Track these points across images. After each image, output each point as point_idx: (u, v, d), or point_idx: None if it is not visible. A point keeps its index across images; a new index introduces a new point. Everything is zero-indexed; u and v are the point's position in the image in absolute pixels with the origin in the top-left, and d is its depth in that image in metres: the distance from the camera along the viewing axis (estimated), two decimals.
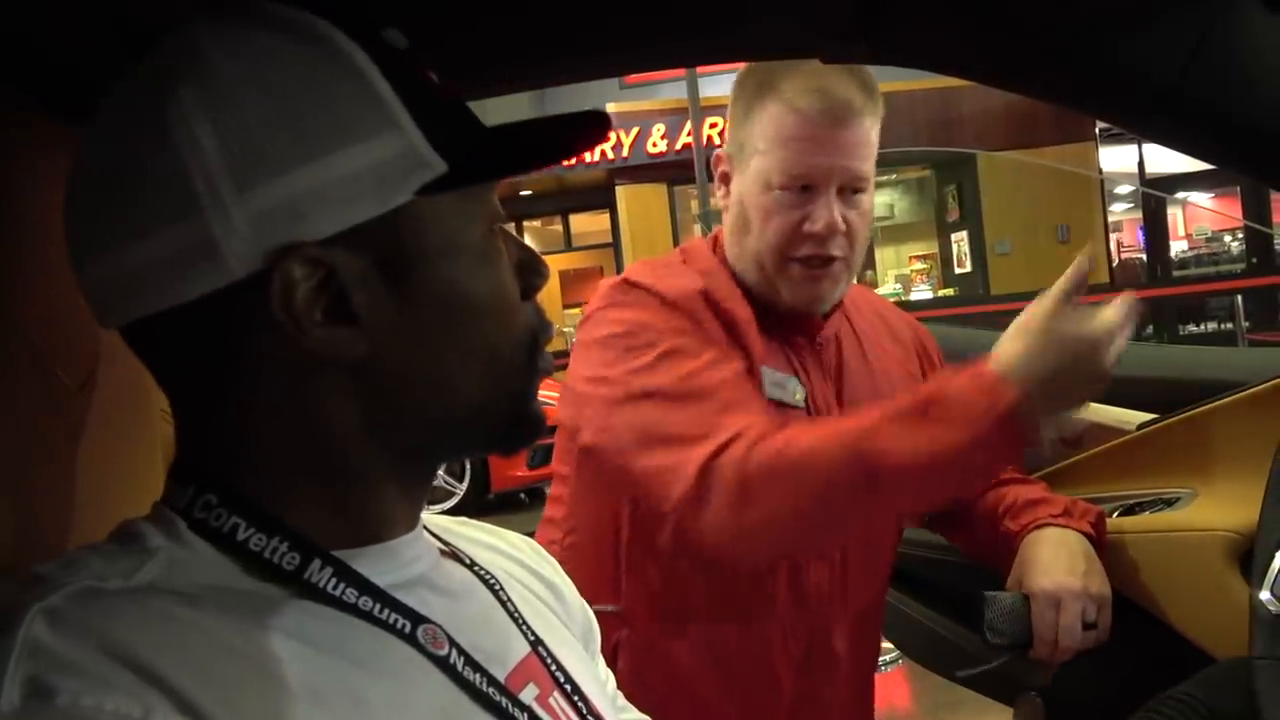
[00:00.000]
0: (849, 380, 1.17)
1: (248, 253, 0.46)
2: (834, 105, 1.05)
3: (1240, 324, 7.24)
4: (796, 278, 1.09)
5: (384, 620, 0.49)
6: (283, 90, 0.46)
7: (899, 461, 0.89)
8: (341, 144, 0.47)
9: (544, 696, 0.55)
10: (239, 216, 0.45)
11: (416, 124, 0.49)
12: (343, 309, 0.48)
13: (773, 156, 1.07)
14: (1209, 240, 11.80)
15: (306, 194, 0.46)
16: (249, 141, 0.46)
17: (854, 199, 1.09)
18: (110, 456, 0.69)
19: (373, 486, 0.51)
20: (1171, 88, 0.74)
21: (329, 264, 0.47)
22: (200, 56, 0.47)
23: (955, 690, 1.55)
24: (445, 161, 0.49)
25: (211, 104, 0.46)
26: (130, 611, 0.43)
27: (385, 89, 0.48)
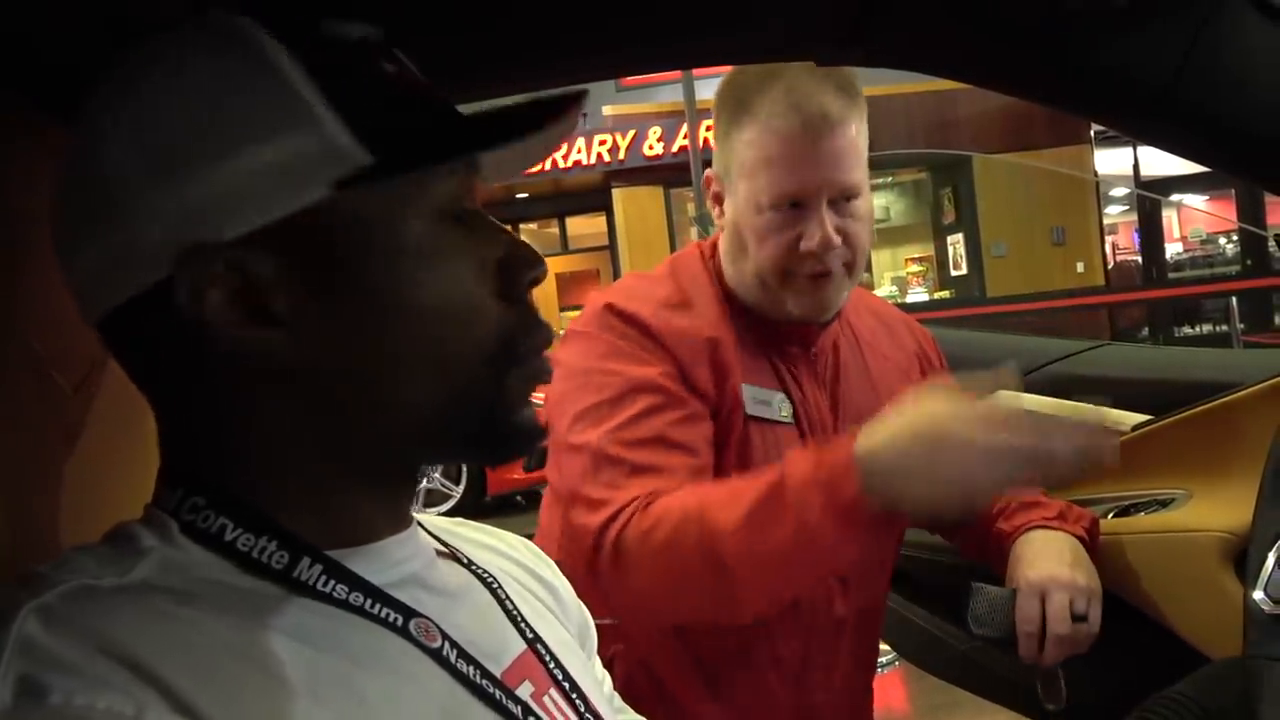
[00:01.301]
0: (845, 389, 1.16)
1: (162, 253, 0.46)
2: (810, 119, 1.03)
3: (1235, 326, 7.25)
4: (801, 291, 1.09)
5: (376, 615, 0.49)
6: (192, 90, 0.46)
7: (741, 554, 0.86)
8: (248, 141, 0.46)
9: (539, 694, 0.55)
10: (150, 216, 0.46)
11: (347, 117, 0.46)
12: (265, 312, 0.47)
13: (758, 179, 1.07)
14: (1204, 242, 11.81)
15: (215, 193, 0.45)
16: (160, 143, 0.46)
17: (849, 206, 1.08)
18: (107, 459, 0.69)
19: (339, 491, 0.50)
20: (1164, 90, 0.75)
21: (244, 266, 0.46)
22: (128, 62, 0.48)
23: (952, 692, 1.55)
24: (375, 155, 0.46)
25: (127, 107, 0.47)
26: (125, 609, 0.43)
27: (300, 83, 0.46)
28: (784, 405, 1.12)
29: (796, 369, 1.14)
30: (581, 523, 0.98)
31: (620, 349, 1.06)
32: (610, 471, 0.99)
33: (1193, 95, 0.75)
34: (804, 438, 1.12)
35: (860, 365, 1.20)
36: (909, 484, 0.80)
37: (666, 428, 1.02)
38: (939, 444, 0.79)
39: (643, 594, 0.95)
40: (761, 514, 0.86)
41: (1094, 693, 1.21)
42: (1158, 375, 1.37)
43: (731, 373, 1.08)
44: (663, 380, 1.04)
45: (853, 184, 1.07)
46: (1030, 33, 0.77)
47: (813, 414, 1.13)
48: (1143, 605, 1.16)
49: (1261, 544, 0.95)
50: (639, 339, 1.07)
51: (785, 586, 0.94)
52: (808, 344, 1.15)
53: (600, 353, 1.06)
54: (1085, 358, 1.45)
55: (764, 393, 1.11)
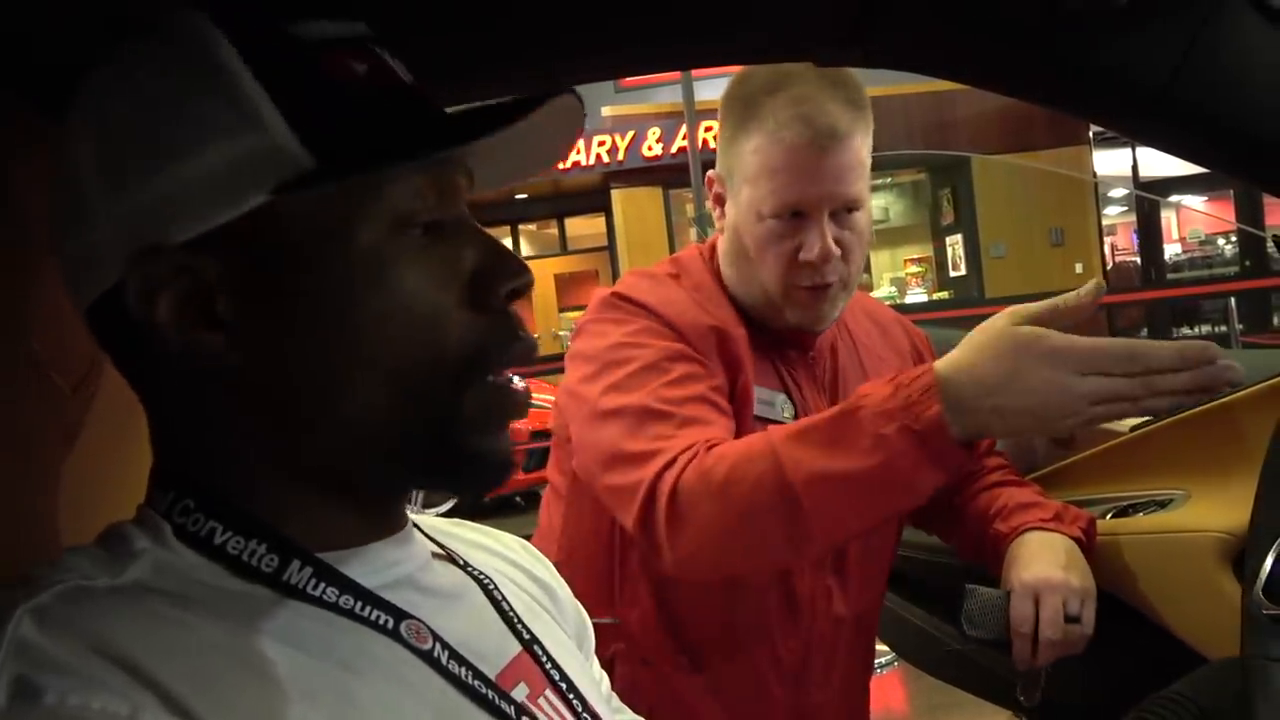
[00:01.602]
0: (844, 391, 1.17)
1: (115, 256, 0.46)
2: (819, 133, 1.03)
3: (1234, 326, 7.24)
4: (799, 302, 1.09)
5: (367, 617, 0.49)
6: (144, 94, 0.47)
7: (812, 483, 0.83)
8: (194, 146, 0.46)
9: (535, 695, 0.55)
10: (108, 220, 0.47)
11: (298, 120, 0.45)
12: (212, 315, 0.47)
13: (761, 187, 1.06)
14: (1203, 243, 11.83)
15: (164, 197, 0.46)
16: (116, 148, 0.47)
17: (849, 219, 1.08)
18: (106, 459, 0.69)
19: (313, 499, 0.50)
20: (1163, 91, 0.75)
21: (193, 268, 0.46)
22: (103, 64, 0.49)
23: (951, 693, 1.55)
24: (324, 159, 0.45)
25: (92, 112, 0.48)
26: (119, 610, 0.43)
27: (248, 85, 0.46)
28: (786, 407, 1.12)
29: (795, 371, 1.15)
30: (627, 481, 0.94)
31: (642, 328, 1.06)
32: (659, 425, 0.96)
33: (1191, 96, 0.75)
34: None
35: (857, 367, 1.20)
36: (991, 407, 0.79)
37: (708, 391, 1.01)
38: (1019, 369, 0.78)
39: (703, 537, 0.89)
40: (835, 437, 0.83)
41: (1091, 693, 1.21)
42: None
43: (743, 369, 1.08)
44: (692, 354, 1.04)
45: (855, 197, 1.07)
46: (1029, 33, 0.77)
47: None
48: (1140, 606, 1.16)
49: (1259, 545, 0.95)
50: (654, 322, 1.07)
51: (857, 519, 0.88)
52: (805, 347, 1.15)
53: (623, 333, 1.05)
54: None
55: (768, 393, 1.11)
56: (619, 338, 1.05)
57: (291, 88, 0.46)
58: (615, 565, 1.12)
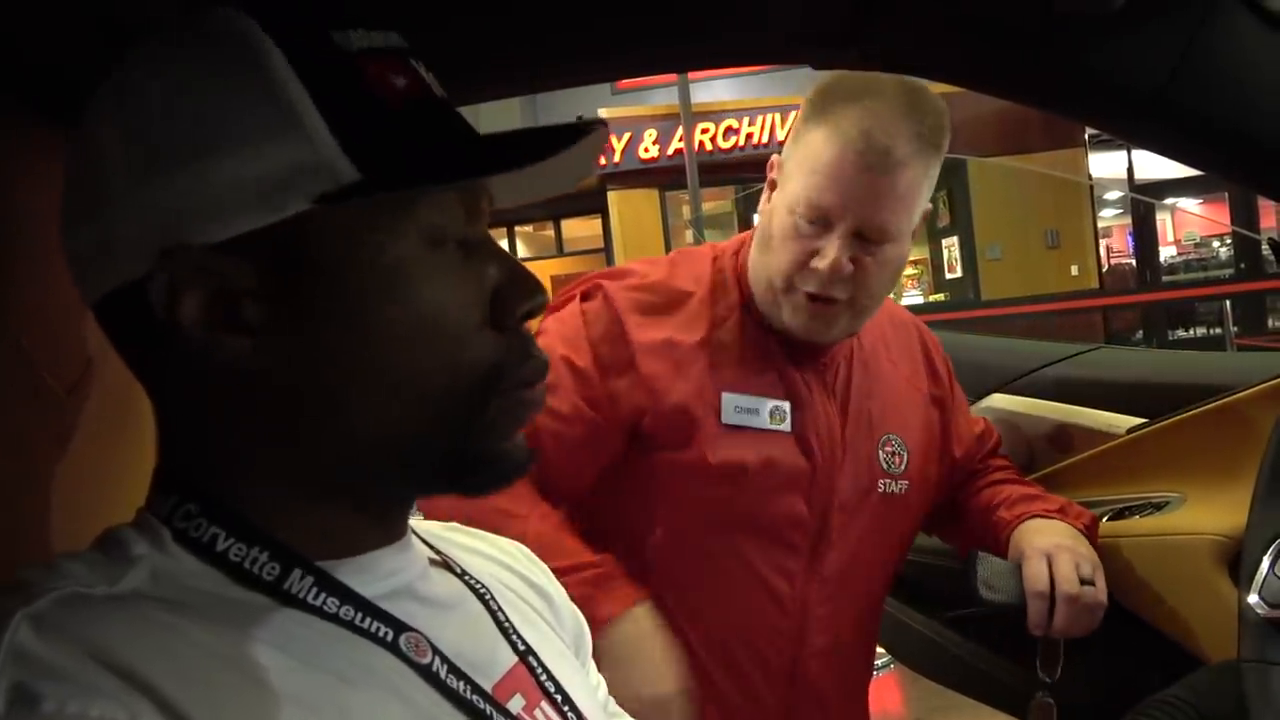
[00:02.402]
0: (854, 400, 1.16)
1: (137, 251, 0.45)
2: (870, 150, 1.01)
3: (1229, 329, 7.27)
4: (799, 306, 1.08)
5: (366, 629, 0.49)
6: (184, 90, 0.46)
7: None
8: (232, 146, 0.45)
9: (531, 707, 0.55)
10: (131, 215, 0.45)
11: (341, 130, 0.45)
12: (237, 319, 0.46)
13: (802, 182, 1.06)
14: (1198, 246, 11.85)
15: (196, 196, 0.45)
16: (146, 140, 0.46)
17: (876, 248, 1.06)
18: (100, 461, 0.69)
19: (314, 506, 0.49)
20: (1158, 93, 0.75)
21: (221, 270, 0.46)
22: (133, 55, 0.48)
23: (948, 695, 1.55)
24: (367, 171, 0.45)
25: (121, 103, 0.47)
26: (116, 617, 0.42)
27: (297, 93, 0.45)
28: (777, 414, 1.11)
29: (806, 377, 1.14)
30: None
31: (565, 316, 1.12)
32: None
33: (1187, 99, 0.75)
34: (807, 446, 1.12)
35: (870, 373, 1.19)
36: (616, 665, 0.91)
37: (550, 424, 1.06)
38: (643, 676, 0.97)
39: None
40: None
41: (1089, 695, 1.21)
42: (1152, 378, 1.37)
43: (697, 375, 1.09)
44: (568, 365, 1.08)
45: (885, 226, 1.04)
46: (1024, 36, 0.77)
47: (820, 424, 1.13)
48: (1137, 608, 1.16)
49: (1256, 547, 0.95)
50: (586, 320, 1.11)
51: None
52: (817, 355, 1.15)
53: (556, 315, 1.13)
54: (1080, 361, 1.45)
55: (751, 400, 1.10)
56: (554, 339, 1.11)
57: (334, 96, 0.46)
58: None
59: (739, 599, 1.12)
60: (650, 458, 1.10)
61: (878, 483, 1.16)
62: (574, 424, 1.08)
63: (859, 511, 1.14)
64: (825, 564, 1.13)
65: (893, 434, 1.18)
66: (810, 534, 1.12)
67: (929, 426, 1.23)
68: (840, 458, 1.13)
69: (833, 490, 1.13)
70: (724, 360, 1.11)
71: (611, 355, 1.09)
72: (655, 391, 1.08)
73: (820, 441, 1.12)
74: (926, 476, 1.21)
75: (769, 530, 1.11)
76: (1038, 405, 1.41)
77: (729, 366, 1.11)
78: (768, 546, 1.11)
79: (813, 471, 1.12)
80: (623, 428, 1.09)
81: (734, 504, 1.09)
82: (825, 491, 1.12)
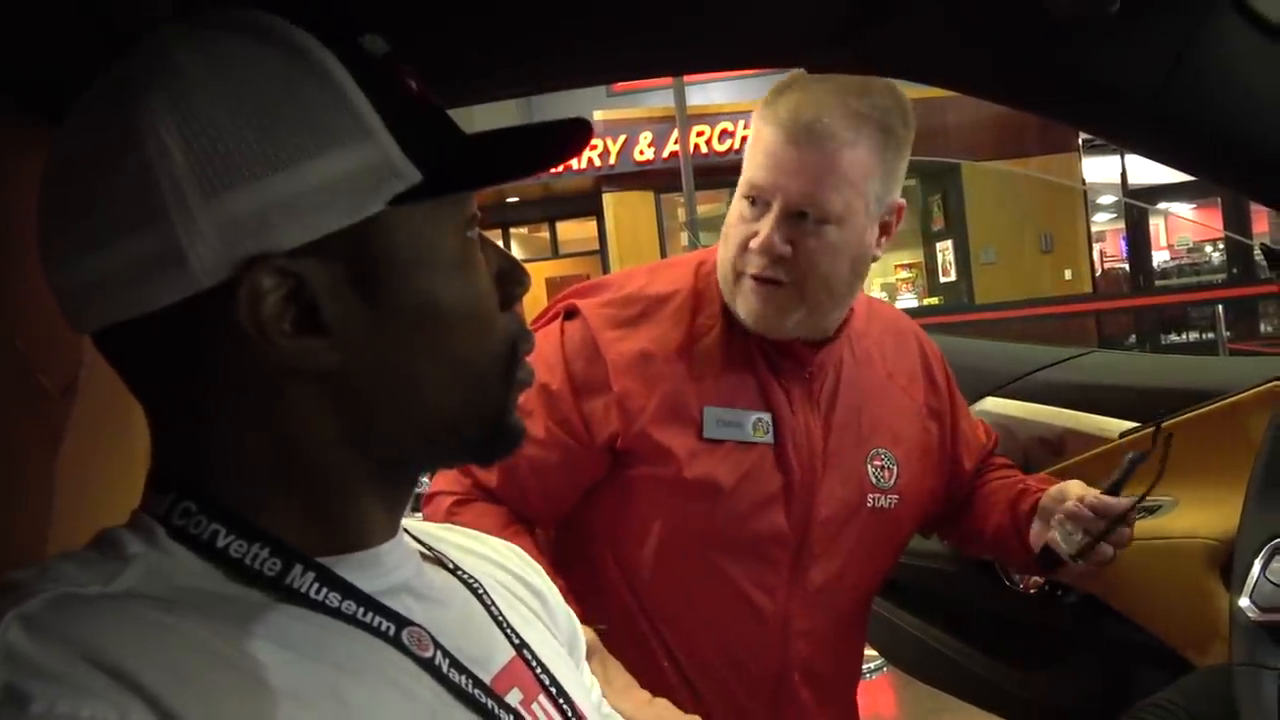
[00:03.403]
0: (840, 412, 1.14)
1: (215, 262, 0.45)
2: (797, 125, 1.02)
3: (1221, 333, 7.29)
4: (747, 293, 1.08)
5: (368, 624, 0.49)
6: (253, 98, 0.46)
7: None
8: (312, 153, 0.46)
9: (528, 700, 0.55)
10: (206, 225, 0.45)
11: (392, 133, 0.47)
12: (312, 320, 0.47)
13: (746, 167, 1.07)
14: (1190, 250, 11.90)
15: (275, 203, 0.45)
16: (217, 149, 0.45)
17: (815, 227, 1.04)
18: (93, 462, 0.69)
19: (350, 496, 0.51)
20: (1152, 99, 0.75)
21: (298, 275, 0.46)
22: (170, 62, 0.46)
23: (941, 698, 1.55)
24: (420, 171, 0.48)
25: (180, 110, 0.45)
26: (108, 617, 0.42)
27: (359, 97, 0.47)
28: (760, 426, 1.10)
29: (789, 387, 1.12)
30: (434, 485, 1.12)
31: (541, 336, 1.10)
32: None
33: (1180, 104, 0.75)
34: (785, 460, 1.10)
35: (861, 385, 1.17)
36: None
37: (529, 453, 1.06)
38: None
39: None
40: None
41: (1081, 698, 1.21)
42: (1145, 383, 1.37)
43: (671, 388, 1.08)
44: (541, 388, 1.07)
45: (820, 203, 1.03)
46: (1019, 40, 0.77)
47: (800, 436, 1.11)
48: (1129, 611, 1.17)
49: (1247, 551, 0.96)
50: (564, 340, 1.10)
51: None
52: (802, 362, 1.12)
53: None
54: (1073, 365, 1.46)
55: (733, 413, 1.09)
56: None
57: (382, 101, 0.48)
58: (590, 577, 1.12)
59: (720, 613, 1.11)
60: (628, 474, 1.09)
61: (866, 497, 1.14)
62: (549, 449, 1.08)
63: (846, 525, 1.13)
64: (808, 578, 1.12)
65: (882, 448, 1.16)
66: (791, 548, 1.11)
67: (925, 440, 1.21)
68: (821, 471, 1.11)
69: (813, 504, 1.11)
70: (705, 372, 1.09)
71: (585, 375, 1.08)
72: (628, 411, 1.07)
73: (799, 454, 1.10)
74: (919, 490, 1.19)
75: (749, 545, 1.10)
76: (1031, 409, 1.42)
77: (710, 379, 1.09)
78: (748, 561, 1.10)
79: (791, 485, 1.10)
80: (601, 449, 1.09)
81: (712, 518, 1.08)
82: (805, 505, 1.10)
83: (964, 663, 1.45)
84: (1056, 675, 1.19)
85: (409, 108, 0.50)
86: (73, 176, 0.47)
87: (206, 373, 0.48)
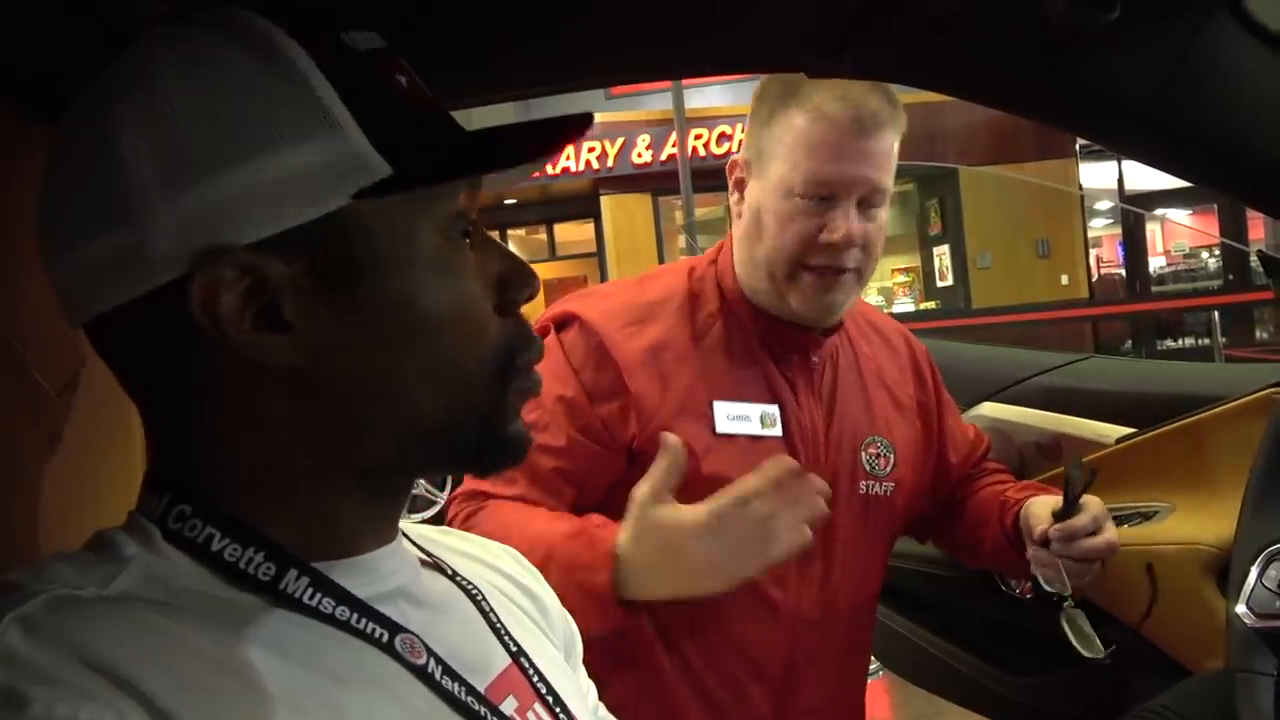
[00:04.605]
0: (839, 401, 1.16)
1: (174, 256, 0.45)
2: (862, 114, 1.05)
3: (1217, 339, 7.30)
4: (808, 287, 1.09)
5: (362, 630, 0.49)
6: (219, 95, 0.46)
7: None
8: (271, 146, 0.45)
9: (524, 708, 0.55)
10: (167, 218, 0.45)
11: (366, 127, 0.47)
12: (276, 317, 0.47)
13: (795, 163, 1.07)
14: (1187, 256, 11.92)
15: (235, 197, 0.45)
16: (178, 144, 0.45)
17: (871, 212, 1.09)
18: (90, 462, 0.69)
19: (335, 501, 0.50)
20: (1149, 106, 0.75)
21: (259, 270, 0.46)
22: (146, 64, 0.47)
23: (937, 702, 1.55)
24: (393, 166, 0.47)
25: (146, 106, 0.46)
26: (106, 620, 0.42)
27: (326, 91, 0.46)
28: (770, 419, 1.11)
29: (794, 378, 1.14)
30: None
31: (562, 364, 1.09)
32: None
33: (1177, 112, 0.76)
34: (793, 451, 1.11)
35: (855, 376, 1.20)
36: (659, 581, 0.94)
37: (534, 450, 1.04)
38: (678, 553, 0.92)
39: None
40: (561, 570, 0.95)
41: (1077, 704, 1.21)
42: (1141, 388, 1.38)
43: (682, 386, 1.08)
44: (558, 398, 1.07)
45: (883, 188, 1.09)
46: (1017, 48, 0.77)
47: (805, 425, 1.13)
48: (1126, 617, 1.17)
49: (1244, 558, 0.96)
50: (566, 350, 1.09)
51: None
52: (807, 353, 1.14)
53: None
54: (1069, 370, 1.46)
55: (742, 407, 1.10)
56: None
57: (357, 95, 0.47)
58: None
59: (733, 606, 1.11)
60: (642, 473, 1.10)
61: (859, 484, 1.16)
62: (576, 457, 1.08)
63: (838, 513, 1.14)
64: (811, 568, 1.13)
65: (878, 435, 1.18)
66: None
67: (915, 433, 1.23)
68: (823, 459, 1.13)
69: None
70: (712, 368, 1.11)
71: (596, 381, 1.08)
72: (644, 411, 1.07)
73: (805, 444, 1.12)
74: (911, 481, 1.21)
75: None
76: (1027, 414, 1.42)
77: (717, 375, 1.10)
78: None
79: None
80: (621, 451, 1.09)
81: None
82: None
83: (960, 667, 1.45)
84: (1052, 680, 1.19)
85: (392, 103, 0.49)
86: (59, 173, 0.49)
87: (188, 370, 0.48)
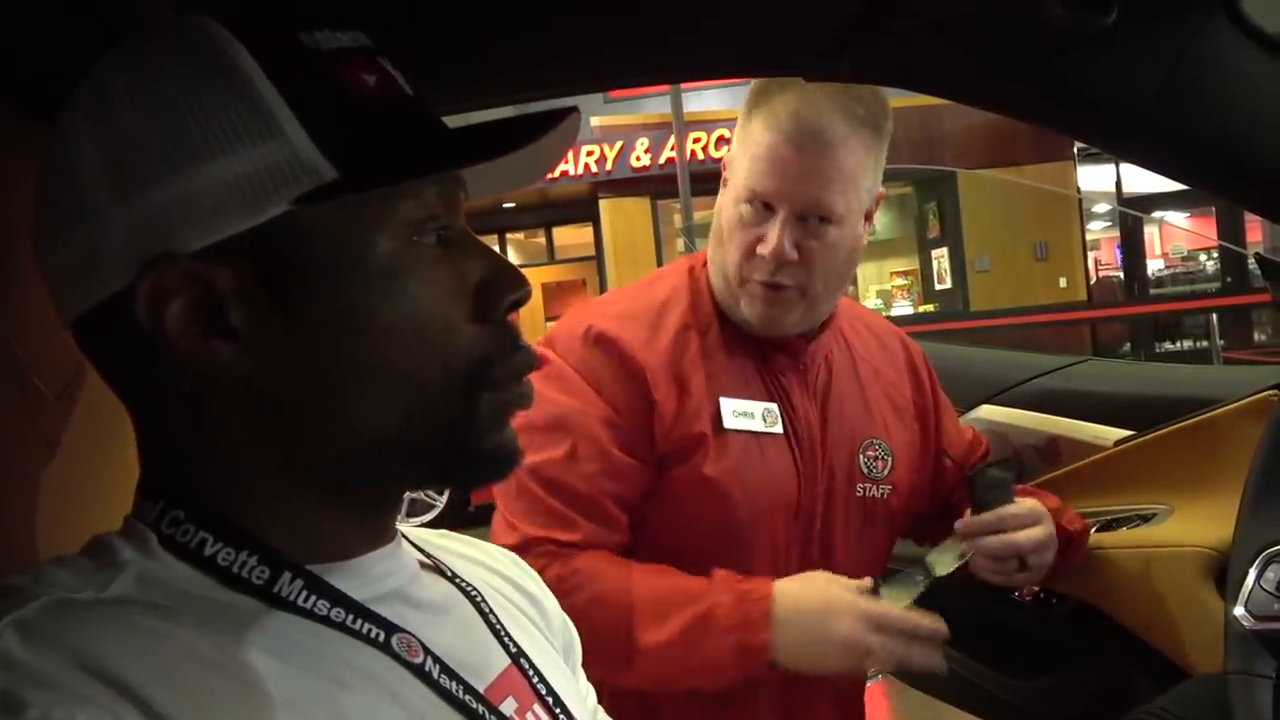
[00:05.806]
0: (835, 403, 1.16)
1: (125, 261, 0.46)
2: (805, 131, 1.03)
3: (1215, 342, 7.32)
4: (754, 296, 1.09)
5: (358, 630, 0.49)
6: (165, 102, 0.46)
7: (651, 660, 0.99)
8: (211, 154, 0.45)
9: (523, 709, 0.55)
10: (117, 226, 0.46)
11: (313, 130, 0.46)
12: (225, 325, 0.46)
13: (744, 171, 1.08)
14: (1185, 259, 11.93)
15: (177, 204, 0.45)
16: (128, 154, 0.46)
17: (820, 228, 1.06)
18: (89, 466, 0.68)
19: (310, 509, 0.50)
20: (1147, 109, 0.76)
21: (205, 277, 0.46)
22: (100, 74, 0.48)
23: (935, 705, 1.55)
24: (341, 169, 0.46)
25: (97, 116, 0.47)
26: (103, 624, 0.42)
27: (272, 95, 0.46)
28: (772, 416, 1.11)
29: (786, 380, 1.14)
30: (499, 539, 1.05)
31: (559, 372, 1.08)
32: (523, 502, 1.06)
33: (1175, 115, 0.76)
34: (795, 449, 1.12)
35: (851, 378, 1.20)
36: (799, 649, 0.99)
37: (582, 480, 1.05)
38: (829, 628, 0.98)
39: None
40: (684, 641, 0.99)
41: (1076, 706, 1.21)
42: (1139, 391, 1.38)
43: (695, 385, 1.09)
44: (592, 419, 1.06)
45: (825, 206, 1.05)
46: (1015, 51, 0.77)
47: (803, 427, 1.13)
48: (1124, 619, 1.17)
49: (1242, 560, 0.96)
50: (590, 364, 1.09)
51: (668, 685, 1.06)
52: (795, 355, 1.15)
53: (543, 373, 1.07)
54: (1068, 373, 1.46)
55: (748, 405, 1.11)
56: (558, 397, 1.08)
57: (308, 98, 0.46)
58: None
59: None
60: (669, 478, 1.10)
61: (856, 486, 1.16)
62: (623, 478, 1.07)
63: (835, 515, 1.15)
64: (809, 569, 1.12)
65: (876, 438, 1.18)
66: (800, 540, 1.13)
67: (912, 436, 1.23)
68: (820, 459, 1.14)
69: (814, 494, 1.13)
70: (715, 368, 1.11)
71: (625, 394, 1.08)
72: (664, 417, 1.08)
73: (802, 443, 1.13)
74: (909, 484, 1.21)
75: (767, 535, 1.11)
76: (1026, 417, 1.42)
77: (720, 373, 1.11)
78: (764, 552, 1.11)
79: (800, 474, 1.12)
80: (655, 461, 1.09)
81: (735, 512, 1.09)
82: (809, 496, 1.13)
83: (959, 670, 1.44)
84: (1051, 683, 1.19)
85: (349, 104, 0.47)
86: (41, 176, 0.50)
87: (153, 377, 0.48)
